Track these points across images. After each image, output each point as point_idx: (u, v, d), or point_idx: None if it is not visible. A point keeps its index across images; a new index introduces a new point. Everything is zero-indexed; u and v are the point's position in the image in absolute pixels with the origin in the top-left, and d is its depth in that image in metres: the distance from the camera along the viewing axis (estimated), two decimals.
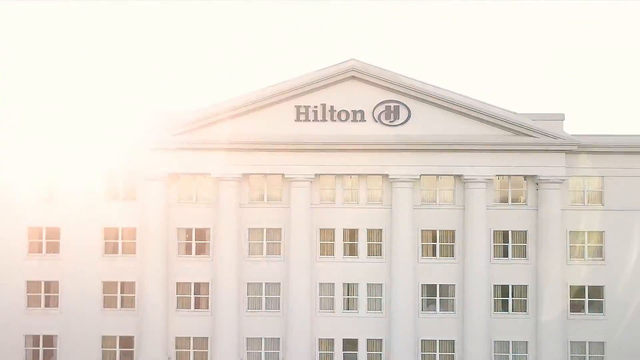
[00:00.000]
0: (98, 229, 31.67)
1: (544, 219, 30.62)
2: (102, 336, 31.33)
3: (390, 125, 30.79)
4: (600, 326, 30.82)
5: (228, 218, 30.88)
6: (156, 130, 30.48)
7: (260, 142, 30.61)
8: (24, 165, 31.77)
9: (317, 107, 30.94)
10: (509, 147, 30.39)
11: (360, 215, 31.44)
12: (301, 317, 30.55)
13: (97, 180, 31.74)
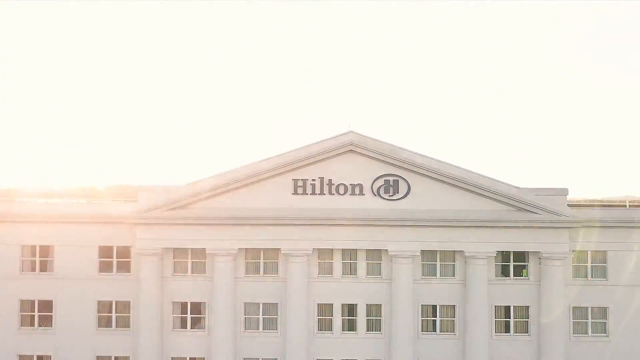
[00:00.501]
0: (92, 302, 31.10)
1: (547, 295, 30.01)
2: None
3: (390, 200, 30.14)
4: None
5: (224, 292, 30.37)
6: (150, 205, 29.78)
7: (256, 217, 29.96)
8: (17, 237, 31.14)
9: (314, 181, 30.28)
10: (511, 224, 29.74)
11: (359, 289, 30.84)
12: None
13: (90, 254, 31.11)
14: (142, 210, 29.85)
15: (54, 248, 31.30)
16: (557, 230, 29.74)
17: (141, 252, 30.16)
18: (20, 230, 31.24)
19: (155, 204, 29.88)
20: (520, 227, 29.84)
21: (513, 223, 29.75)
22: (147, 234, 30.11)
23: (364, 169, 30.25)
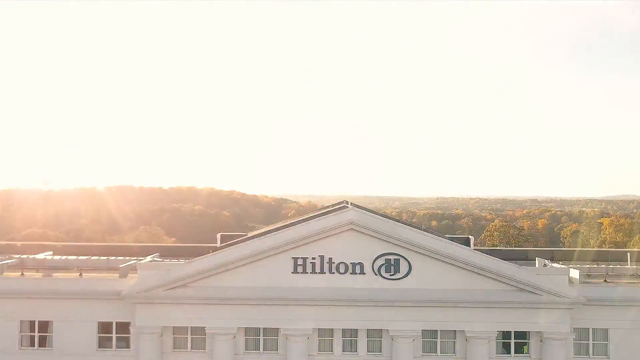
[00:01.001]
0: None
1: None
2: None
3: (391, 279, 30.02)
4: None
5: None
6: (150, 284, 29.70)
7: (255, 296, 29.88)
8: (16, 312, 31.07)
9: (315, 259, 30.19)
10: (512, 305, 29.62)
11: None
12: None
13: (89, 329, 31.05)
14: (142, 290, 29.77)
15: (52, 324, 31.23)
16: (558, 310, 29.62)
17: (141, 330, 30.09)
18: (20, 305, 31.18)
19: (155, 283, 29.81)
20: (520, 307, 29.70)
21: (514, 304, 29.66)
22: (147, 312, 30.07)
23: (364, 247, 30.14)
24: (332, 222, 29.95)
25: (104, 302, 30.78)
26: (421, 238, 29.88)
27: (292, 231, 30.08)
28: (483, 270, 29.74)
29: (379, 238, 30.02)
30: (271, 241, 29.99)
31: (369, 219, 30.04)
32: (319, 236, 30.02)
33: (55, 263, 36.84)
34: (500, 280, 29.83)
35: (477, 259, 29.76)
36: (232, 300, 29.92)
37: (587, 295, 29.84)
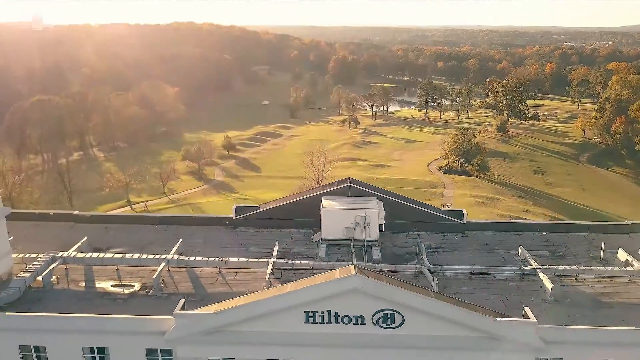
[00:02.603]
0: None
1: None
2: None
3: (387, 328, 36.49)
4: None
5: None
6: (187, 331, 36.41)
7: (273, 341, 36.75)
8: (76, 342, 38.37)
9: (323, 312, 36.29)
10: (488, 348, 36.50)
11: None
12: None
13: (140, 353, 38.63)
14: (180, 336, 36.62)
15: (108, 349, 38.65)
16: (525, 353, 36.60)
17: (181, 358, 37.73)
18: (80, 335, 38.29)
19: (191, 331, 36.50)
20: (494, 350, 36.63)
21: (488, 349, 36.49)
22: (186, 348, 37.35)
23: (365, 304, 36.01)
24: (340, 288, 35.32)
25: (151, 335, 37.77)
26: (413, 299, 35.49)
27: (305, 293, 35.64)
28: (465, 324, 35.92)
29: (378, 297, 35.66)
30: (287, 301, 35.77)
31: (370, 284, 35.28)
32: (328, 297, 35.64)
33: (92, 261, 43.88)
34: (479, 329, 36.22)
35: (458, 316, 35.75)
36: (258, 341, 36.83)
37: (548, 339, 36.46)
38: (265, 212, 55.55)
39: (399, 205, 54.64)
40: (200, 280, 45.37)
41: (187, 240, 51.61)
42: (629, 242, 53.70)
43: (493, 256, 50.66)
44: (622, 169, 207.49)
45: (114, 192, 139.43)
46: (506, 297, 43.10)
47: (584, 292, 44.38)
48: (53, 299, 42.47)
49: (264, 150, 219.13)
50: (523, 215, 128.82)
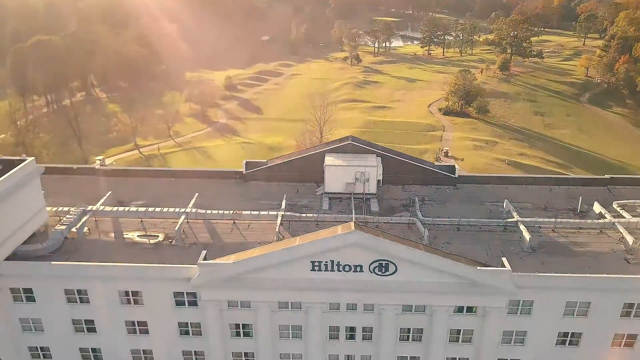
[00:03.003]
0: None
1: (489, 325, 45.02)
2: None
3: (382, 275, 42.67)
4: None
5: (265, 318, 45.41)
6: (212, 278, 42.64)
7: (285, 286, 43.08)
8: (115, 287, 44.84)
9: (327, 262, 42.36)
10: (467, 292, 42.88)
11: (354, 317, 45.69)
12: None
13: (168, 295, 45.12)
14: (203, 282, 42.92)
15: (141, 292, 45.11)
16: (500, 296, 42.98)
17: (204, 301, 44.24)
18: (117, 281, 44.68)
19: (213, 277, 42.75)
20: (473, 293, 43.00)
21: (468, 292, 42.85)
22: (208, 292, 43.84)
23: (363, 256, 41.96)
24: (342, 242, 41.12)
25: (178, 281, 44.10)
26: (405, 252, 41.40)
27: (311, 246, 41.49)
28: (449, 272, 42.05)
29: (375, 249, 41.56)
30: (296, 253, 41.70)
31: (368, 239, 41.04)
32: (331, 249, 41.54)
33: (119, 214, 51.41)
34: (461, 277, 42.40)
35: (444, 266, 41.79)
36: (269, 288, 43.16)
37: (521, 285, 42.73)
38: (273, 167, 60.70)
39: (395, 161, 59.68)
40: (217, 231, 51.26)
41: (201, 193, 57.03)
42: (606, 195, 59.22)
43: (481, 208, 56.30)
44: (621, 109, 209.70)
45: (121, 136, 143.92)
46: (489, 247, 49.02)
47: (558, 242, 50.34)
48: (88, 248, 48.51)
49: (265, 90, 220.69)
50: (518, 159, 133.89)
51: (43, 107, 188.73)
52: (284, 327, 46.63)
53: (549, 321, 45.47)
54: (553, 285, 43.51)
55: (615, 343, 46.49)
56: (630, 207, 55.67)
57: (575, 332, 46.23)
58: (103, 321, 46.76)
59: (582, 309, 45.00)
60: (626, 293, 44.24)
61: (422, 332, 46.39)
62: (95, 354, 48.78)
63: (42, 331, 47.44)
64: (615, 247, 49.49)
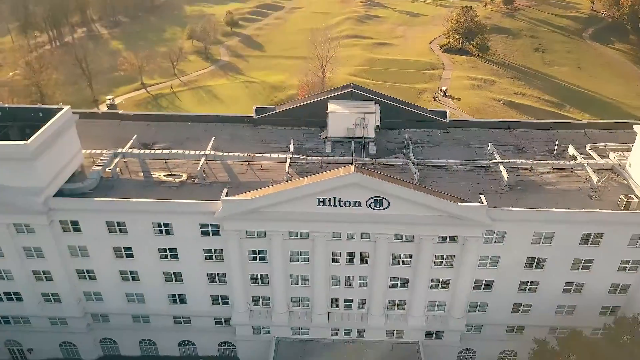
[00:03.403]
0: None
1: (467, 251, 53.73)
2: None
3: (377, 210, 50.75)
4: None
5: (277, 246, 54.12)
6: (232, 212, 50.77)
7: (296, 218, 51.30)
8: (148, 219, 53.09)
9: (330, 199, 50.30)
10: (448, 223, 51.16)
11: (353, 244, 54.30)
12: None
13: (195, 226, 53.53)
14: (226, 215, 51.06)
15: (171, 224, 53.40)
16: (477, 227, 51.27)
17: (226, 232, 52.64)
18: (148, 215, 52.90)
19: (235, 211, 50.83)
20: (454, 225, 51.26)
21: (449, 224, 51.11)
22: (231, 224, 52.06)
23: (361, 193, 49.80)
24: (343, 182, 48.81)
25: (204, 214, 52.27)
26: (397, 190, 49.16)
27: (317, 185, 49.23)
28: (434, 208, 50.08)
29: (371, 188, 49.36)
30: (304, 191, 49.53)
31: (366, 179, 48.71)
32: (334, 188, 49.34)
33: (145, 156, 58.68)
34: (444, 211, 50.49)
35: (429, 202, 49.71)
36: (282, 219, 51.36)
37: (495, 218, 50.89)
38: (281, 113, 67.47)
39: (392, 107, 66.34)
40: (233, 171, 58.90)
41: (217, 136, 64.19)
42: (581, 138, 66.39)
43: (467, 150, 63.65)
44: (623, 45, 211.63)
45: (127, 75, 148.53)
46: (472, 185, 56.76)
47: (533, 181, 58.08)
48: (122, 186, 56.28)
49: (266, 25, 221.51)
50: (514, 99, 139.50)
51: (46, 44, 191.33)
52: (293, 253, 55.27)
53: (519, 248, 54.03)
54: (523, 218, 51.64)
55: (574, 266, 55.21)
56: (601, 150, 62.97)
57: (541, 258, 54.83)
58: (139, 248, 55.36)
59: (548, 238, 53.27)
60: (585, 225, 52.38)
61: (410, 257, 55.09)
62: (132, 276, 57.75)
63: (87, 256, 56.15)
64: (582, 185, 57.24)
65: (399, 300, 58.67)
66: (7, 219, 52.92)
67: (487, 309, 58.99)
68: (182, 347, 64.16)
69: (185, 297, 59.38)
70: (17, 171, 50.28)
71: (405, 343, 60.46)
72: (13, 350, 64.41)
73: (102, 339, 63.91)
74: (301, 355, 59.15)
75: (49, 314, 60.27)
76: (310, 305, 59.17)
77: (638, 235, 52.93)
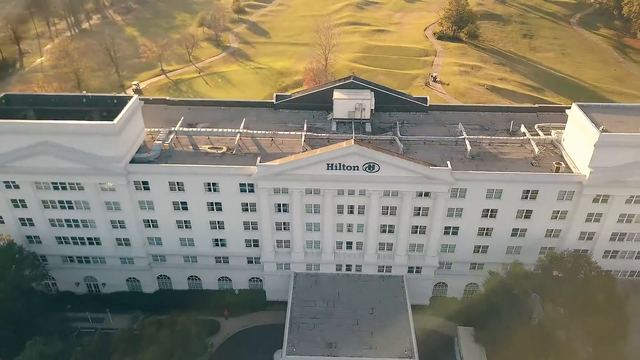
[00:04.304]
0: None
1: (437, 205, 74.16)
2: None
3: (371, 172, 71.04)
4: None
5: (296, 201, 74.50)
6: (265, 174, 70.98)
7: (313, 179, 71.62)
8: (199, 179, 73.62)
9: (336, 164, 70.52)
10: (423, 182, 71.53)
11: (353, 199, 74.68)
12: None
13: (235, 184, 73.87)
14: (260, 177, 71.29)
15: (218, 184, 73.63)
16: (441, 185, 71.58)
17: (260, 189, 72.92)
18: (200, 176, 73.19)
19: (266, 173, 71.05)
20: (428, 183, 71.58)
21: (424, 183, 71.46)
22: (264, 183, 72.29)
23: (359, 159, 70.00)
24: (346, 152, 68.94)
25: (242, 176, 72.46)
26: (385, 157, 69.30)
27: (326, 154, 69.35)
28: (412, 171, 70.36)
29: (366, 156, 69.53)
30: (317, 159, 69.69)
31: (364, 150, 68.79)
32: (339, 156, 69.52)
33: (192, 133, 77.16)
34: (419, 173, 70.74)
35: (409, 166, 69.89)
36: (304, 179, 71.62)
37: (458, 178, 71.17)
38: (296, 99, 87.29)
39: (384, 94, 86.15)
40: (261, 144, 78.80)
41: (245, 117, 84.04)
42: (533, 119, 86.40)
43: (442, 129, 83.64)
44: (608, 30, 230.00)
45: (146, 61, 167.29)
46: (443, 155, 76.60)
47: (490, 152, 78.16)
48: (177, 156, 76.21)
49: (270, 12, 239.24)
50: (497, 84, 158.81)
51: (65, 30, 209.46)
52: (308, 206, 75.52)
53: (476, 202, 74.33)
54: (479, 179, 71.86)
55: (518, 216, 75.54)
56: (547, 129, 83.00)
57: (494, 209, 75.13)
58: (192, 203, 75.58)
59: (498, 194, 73.47)
60: (525, 184, 72.58)
61: (395, 209, 75.42)
62: (186, 225, 78.04)
63: (152, 209, 76.40)
64: (527, 155, 77.36)
65: (387, 242, 79.17)
66: (95, 180, 73.05)
67: (454, 249, 79.58)
68: (221, 282, 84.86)
69: (225, 241, 79.89)
70: (106, 143, 70.17)
71: (393, 277, 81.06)
72: (90, 285, 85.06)
73: (159, 276, 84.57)
74: (313, 286, 79.71)
75: (120, 254, 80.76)
76: (320, 246, 79.67)
77: (564, 192, 73.19)
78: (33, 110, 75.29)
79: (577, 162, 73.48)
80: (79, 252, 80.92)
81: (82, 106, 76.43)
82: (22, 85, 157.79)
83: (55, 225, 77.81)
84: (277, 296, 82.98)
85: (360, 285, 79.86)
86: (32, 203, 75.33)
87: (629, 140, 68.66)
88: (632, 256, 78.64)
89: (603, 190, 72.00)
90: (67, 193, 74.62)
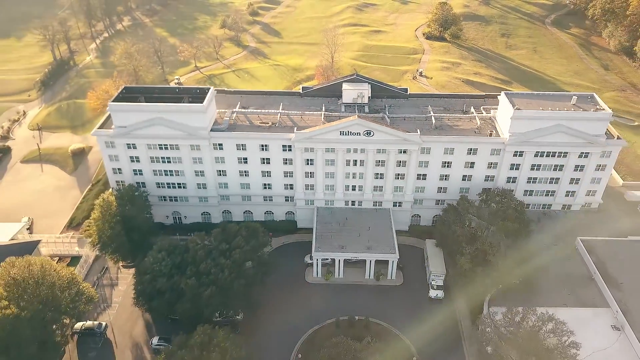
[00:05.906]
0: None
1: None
2: None
3: (368, 136, 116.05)
4: None
5: (320, 157, 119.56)
6: (300, 138, 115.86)
7: (330, 142, 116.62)
8: (254, 139, 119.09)
9: (346, 131, 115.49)
10: (403, 144, 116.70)
11: (357, 155, 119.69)
12: None
13: (279, 146, 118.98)
14: (297, 140, 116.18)
15: (268, 145, 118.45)
16: (415, 145, 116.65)
17: (296, 147, 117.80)
18: (255, 140, 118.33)
19: (303, 137, 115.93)
20: (406, 143, 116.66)
21: (404, 144, 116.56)
22: (299, 144, 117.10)
23: (360, 128, 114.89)
24: (352, 123, 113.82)
25: (285, 140, 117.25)
26: (378, 127, 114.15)
27: (339, 125, 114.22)
28: (393, 134, 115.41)
29: (365, 126, 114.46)
30: (333, 128, 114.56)
31: (362, 123, 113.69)
32: (347, 126, 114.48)
33: (246, 113, 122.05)
34: (400, 137, 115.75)
35: (393, 132, 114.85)
36: (322, 141, 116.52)
37: (425, 141, 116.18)
38: (316, 90, 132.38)
39: (378, 86, 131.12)
40: (294, 120, 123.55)
41: (283, 103, 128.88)
42: (481, 103, 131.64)
43: (417, 110, 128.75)
44: (578, 30, 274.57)
45: (184, 59, 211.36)
46: (417, 127, 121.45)
47: (449, 125, 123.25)
48: (239, 127, 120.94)
49: (280, 14, 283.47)
50: (472, 77, 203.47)
51: (103, 32, 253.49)
52: (327, 160, 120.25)
53: (438, 157, 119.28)
54: (438, 141, 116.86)
55: (466, 166, 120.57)
56: (488, 109, 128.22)
57: (449, 162, 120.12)
58: (251, 158, 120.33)
59: (451, 150, 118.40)
60: (469, 144, 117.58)
61: (384, 162, 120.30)
62: (246, 174, 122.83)
63: (224, 163, 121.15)
64: (473, 127, 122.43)
65: (379, 185, 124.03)
66: (189, 142, 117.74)
67: (424, 190, 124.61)
68: (266, 215, 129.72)
69: (271, 185, 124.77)
70: (196, 118, 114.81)
71: (382, 209, 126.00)
72: (175, 218, 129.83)
73: (224, 211, 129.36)
74: (330, 214, 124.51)
75: (199, 195, 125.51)
76: (334, 188, 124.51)
77: (495, 149, 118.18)
78: (144, 97, 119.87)
79: (503, 129, 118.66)
80: (171, 194, 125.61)
81: (175, 94, 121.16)
82: (81, 79, 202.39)
83: (156, 174, 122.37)
84: (305, 224, 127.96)
85: (361, 214, 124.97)
86: (144, 158, 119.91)
87: (533, 114, 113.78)
88: (542, 194, 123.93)
89: (519, 147, 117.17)
90: (168, 151, 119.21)
